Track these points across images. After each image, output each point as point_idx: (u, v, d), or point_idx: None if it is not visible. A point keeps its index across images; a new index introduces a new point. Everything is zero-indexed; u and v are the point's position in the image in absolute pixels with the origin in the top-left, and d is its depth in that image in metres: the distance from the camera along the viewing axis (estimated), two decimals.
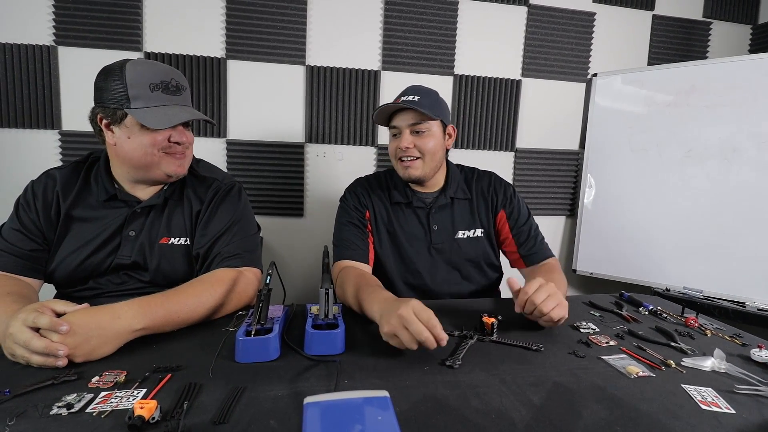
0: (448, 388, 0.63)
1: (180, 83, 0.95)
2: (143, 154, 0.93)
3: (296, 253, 1.94)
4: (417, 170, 1.13)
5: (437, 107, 1.12)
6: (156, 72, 0.91)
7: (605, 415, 0.57)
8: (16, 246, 0.92)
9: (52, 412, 0.53)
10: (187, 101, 0.98)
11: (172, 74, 0.94)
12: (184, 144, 0.97)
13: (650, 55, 2.09)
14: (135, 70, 0.89)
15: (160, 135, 0.92)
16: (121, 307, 0.71)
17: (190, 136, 1.00)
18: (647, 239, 1.88)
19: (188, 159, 1.01)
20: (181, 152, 0.97)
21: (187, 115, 0.94)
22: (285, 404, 0.56)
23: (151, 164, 0.94)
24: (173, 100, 0.93)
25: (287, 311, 0.86)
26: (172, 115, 0.91)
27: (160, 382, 0.60)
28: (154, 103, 0.90)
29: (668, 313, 1.00)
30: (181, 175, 1.00)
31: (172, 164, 0.96)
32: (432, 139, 1.12)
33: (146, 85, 0.89)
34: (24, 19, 1.66)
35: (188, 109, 0.97)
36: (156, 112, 0.90)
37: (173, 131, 0.94)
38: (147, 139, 0.91)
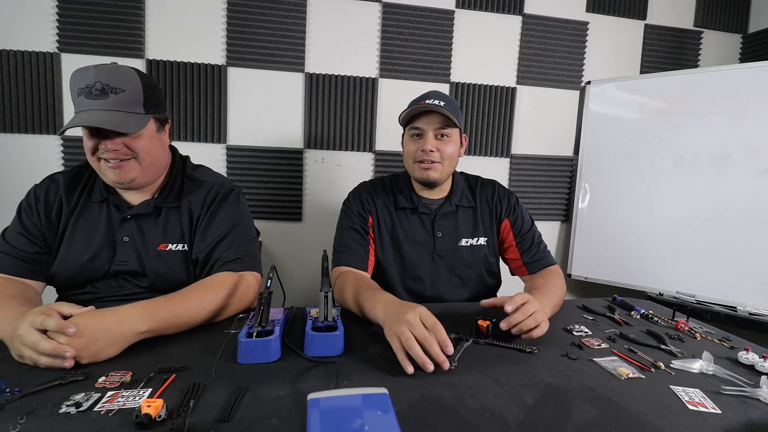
0: (444, 388, 0.65)
1: (109, 85, 0.88)
2: (89, 160, 0.94)
3: (295, 258, 1.96)
4: (436, 173, 1.13)
5: (459, 115, 1.14)
6: (84, 77, 0.88)
7: (595, 415, 0.60)
8: (18, 249, 0.93)
9: (61, 410, 0.55)
10: (120, 104, 0.89)
11: (98, 78, 0.87)
12: (118, 152, 0.90)
13: (643, 63, 2.14)
14: (73, 76, 0.89)
15: (89, 142, 0.90)
16: (127, 310, 0.73)
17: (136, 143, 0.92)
18: (641, 244, 1.91)
19: (135, 166, 0.94)
20: (114, 159, 0.91)
21: (82, 121, 0.86)
22: (286, 403, 0.58)
23: (97, 170, 0.94)
24: (93, 105, 0.87)
25: (287, 314, 0.88)
26: (74, 120, 0.87)
27: (164, 382, 0.62)
28: (77, 108, 0.88)
29: (659, 316, 1.02)
30: (128, 182, 0.94)
31: (109, 172, 0.92)
32: (453, 145, 1.13)
33: (75, 91, 0.88)
34: (28, 27, 1.68)
35: (98, 114, 0.87)
36: (73, 118, 0.88)
37: (100, 140, 0.90)
38: (85, 146, 0.91)
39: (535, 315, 0.83)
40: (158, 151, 0.99)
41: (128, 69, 0.93)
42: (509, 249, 1.24)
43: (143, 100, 0.93)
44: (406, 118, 1.14)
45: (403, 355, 0.70)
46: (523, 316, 0.82)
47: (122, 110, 0.89)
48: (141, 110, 0.93)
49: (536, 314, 0.83)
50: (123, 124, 0.89)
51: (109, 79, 0.88)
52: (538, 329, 0.83)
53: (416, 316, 0.72)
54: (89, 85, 0.86)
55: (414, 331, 0.70)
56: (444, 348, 0.70)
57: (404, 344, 0.70)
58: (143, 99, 0.93)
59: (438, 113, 1.09)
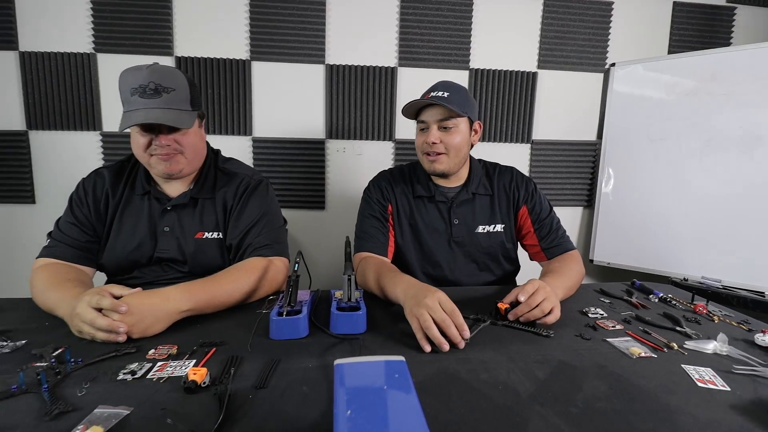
0: (459, 363, 0.69)
1: (162, 85, 0.95)
2: (138, 155, 1.01)
3: (319, 244, 2.03)
4: (442, 164, 1.16)
5: (465, 104, 1.14)
6: (137, 77, 0.94)
7: (604, 389, 0.63)
8: (72, 238, 1.02)
9: (119, 377, 0.63)
10: (172, 103, 0.96)
11: (152, 77, 0.94)
12: (170, 146, 0.99)
13: (671, 43, 2.06)
14: (123, 77, 0.96)
15: (142, 138, 0.97)
16: (170, 291, 0.80)
17: (183, 138, 1.00)
18: (666, 229, 1.88)
19: (182, 159, 1.02)
20: (166, 154, 0.99)
21: (140, 119, 0.93)
22: (315, 374, 0.64)
23: (146, 164, 1.02)
24: (149, 103, 0.94)
25: (313, 296, 0.94)
26: (133, 118, 0.93)
27: (206, 355, 0.69)
28: (132, 107, 0.94)
29: (678, 300, 1.03)
30: (176, 174, 1.02)
31: (159, 164, 1.00)
32: (458, 135, 1.15)
33: (128, 90, 0.94)
34: (66, 30, 1.79)
35: (156, 113, 0.94)
36: (128, 115, 0.94)
37: (154, 135, 0.97)
38: (137, 141, 0.99)
39: (542, 305, 0.85)
40: (200, 145, 1.08)
41: (175, 69, 1.01)
42: (527, 235, 1.26)
43: (190, 98, 1.00)
44: (410, 111, 1.17)
45: (422, 335, 0.74)
46: (528, 307, 0.85)
47: (174, 108, 0.97)
48: (188, 107, 1.00)
49: (544, 303, 0.85)
50: (178, 120, 0.96)
51: (162, 79, 0.95)
52: (551, 316, 0.85)
53: (435, 301, 0.76)
54: (143, 84, 0.93)
55: (433, 314, 0.74)
56: (461, 332, 0.74)
57: (422, 325, 0.74)
58: (190, 97, 1.01)
59: (441, 105, 1.10)
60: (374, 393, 0.36)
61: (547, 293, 0.87)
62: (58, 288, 0.87)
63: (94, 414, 0.53)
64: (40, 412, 0.54)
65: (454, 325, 0.74)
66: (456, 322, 0.74)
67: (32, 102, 1.81)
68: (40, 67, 1.80)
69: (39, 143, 1.85)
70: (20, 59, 1.79)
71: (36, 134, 1.85)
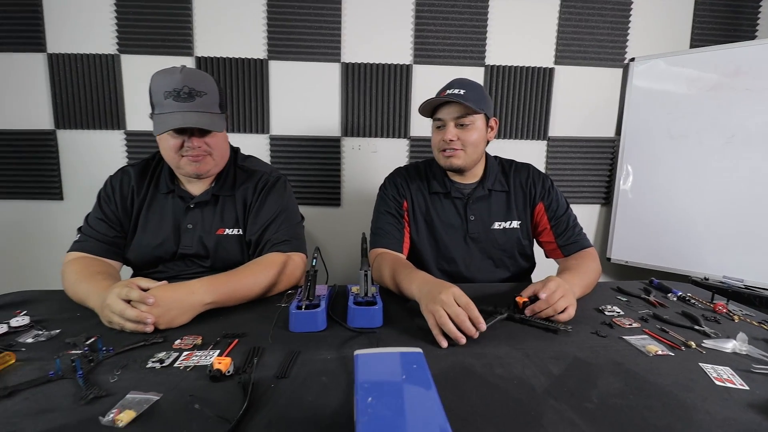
0: (474, 358, 0.70)
1: (195, 89, 0.98)
2: (168, 156, 1.04)
3: (334, 240, 2.06)
4: (459, 160, 1.17)
5: (482, 101, 1.14)
6: (171, 81, 0.97)
7: (620, 386, 0.63)
8: (100, 233, 1.07)
9: (148, 365, 0.66)
10: (204, 106, 0.99)
11: (186, 82, 0.97)
12: (200, 148, 1.02)
13: (693, 37, 2.01)
14: (155, 79, 0.99)
15: (173, 140, 1.00)
16: (194, 284, 0.84)
17: (212, 141, 1.04)
18: (686, 227, 1.85)
19: (210, 160, 1.06)
20: (198, 155, 1.02)
21: (178, 123, 0.96)
22: (334, 365, 0.66)
23: (175, 165, 1.05)
24: (182, 107, 0.97)
25: (331, 291, 0.97)
26: (170, 122, 0.96)
27: (229, 345, 0.72)
28: (165, 110, 0.97)
29: (697, 299, 1.02)
30: (205, 174, 1.06)
31: (188, 165, 1.03)
32: (475, 132, 1.15)
33: (161, 93, 0.97)
34: (91, 32, 1.85)
35: (191, 116, 0.97)
36: (163, 118, 0.97)
37: (185, 137, 1.00)
38: (166, 143, 1.02)
39: (558, 303, 0.85)
40: (225, 146, 1.12)
41: (206, 74, 1.04)
42: (543, 232, 1.25)
43: (219, 102, 1.04)
44: (426, 109, 1.18)
45: (438, 331, 0.76)
46: (546, 305, 0.85)
47: (207, 111, 1.00)
48: (218, 111, 1.04)
49: (560, 302, 0.85)
50: (212, 124, 1.00)
51: (195, 84, 0.98)
52: (565, 314, 0.85)
53: (450, 296, 0.77)
54: (177, 88, 0.97)
55: (447, 309, 0.76)
56: (477, 325, 0.75)
57: (438, 321, 0.75)
58: (219, 101, 1.04)
59: (458, 102, 1.11)
60: (394, 381, 0.38)
61: (566, 291, 0.87)
62: (89, 280, 0.91)
63: (127, 399, 0.56)
64: (75, 397, 0.57)
65: (469, 319, 0.75)
66: (471, 315, 0.75)
67: (60, 102, 1.88)
68: (67, 69, 1.87)
69: (66, 142, 1.93)
70: (48, 61, 1.86)
71: (63, 133, 1.92)
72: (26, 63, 1.86)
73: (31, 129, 1.91)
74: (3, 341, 0.74)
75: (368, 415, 0.33)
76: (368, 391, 0.36)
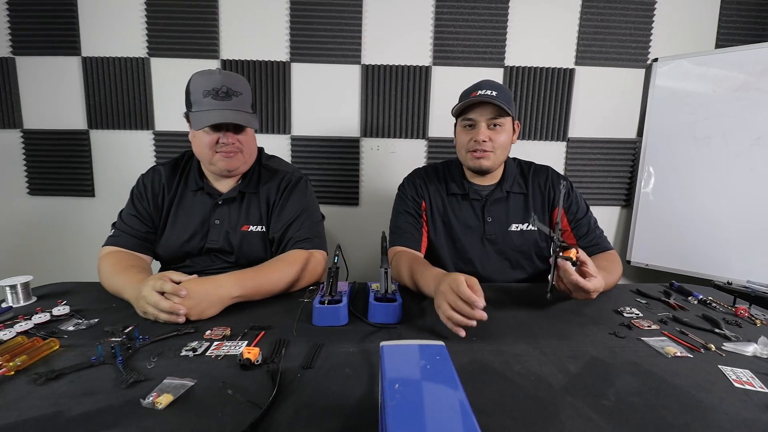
0: (492, 354, 0.72)
1: (232, 89, 1.04)
2: (201, 152, 1.10)
3: (352, 239, 2.09)
4: (488, 161, 1.18)
5: (511, 103, 1.16)
6: (210, 81, 1.04)
7: (637, 385, 0.64)
8: (133, 228, 1.12)
9: (182, 354, 0.70)
10: (240, 105, 1.06)
11: (224, 82, 1.04)
12: (233, 144, 1.08)
13: (718, 36, 1.97)
14: (196, 79, 1.05)
15: (210, 136, 1.06)
16: (223, 278, 0.88)
17: (244, 138, 1.10)
18: (709, 230, 1.81)
19: (241, 157, 1.11)
20: (230, 151, 1.08)
21: (218, 119, 1.02)
22: (356, 358, 0.69)
23: (208, 160, 1.10)
24: (220, 105, 1.03)
25: (351, 287, 1.00)
26: (208, 118, 1.02)
27: (256, 337, 0.75)
28: (204, 108, 1.03)
29: (718, 302, 1.01)
30: (235, 170, 1.11)
31: (221, 160, 1.09)
32: (505, 134, 1.17)
33: (201, 92, 1.03)
34: (123, 36, 1.93)
35: (229, 113, 1.03)
36: (201, 115, 1.03)
37: (221, 133, 1.06)
38: (202, 139, 1.07)
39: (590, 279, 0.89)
40: (254, 145, 1.18)
41: (241, 76, 1.11)
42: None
43: (251, 102, 1.11)
44: (459, 109, 1.19)
45: (450, 324, 0.77)
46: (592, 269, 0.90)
47: (242, 110, 1.07)
48: (250, 110, 1.10)
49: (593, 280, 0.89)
50: (247, 121, 1.07)
51: (232, 84, 1.05)
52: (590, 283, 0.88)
53: (447, 285, 0.78)
54: (216, 88, 1.03)
55: (447, 299, 0.77)
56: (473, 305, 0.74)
57: (445, 315, 0.77)
58: (251, 101, 1.11)
59: (490, 103, 1.12)
60: (419, 370, 0.41)
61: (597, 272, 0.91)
62: (124, 274, 0.97)
63: (164, 384, 0.60)
64: (116, 381, 0.61)
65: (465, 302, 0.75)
66: (464, 297, 0.74)
67: (93, 103, 1.97)
68: (99, 71, 1.95)
69: (98, 141, 2.01)
70: (83, 64, 1.95)
71: (96, 133, 2.01)
72: (62, 66, 1.96)
73: (66, 129, 2.00)
74: (46, 329, 0.80)
75: (396, 400, 0.35)
76: (395, 378, 0.39)
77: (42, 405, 0.55)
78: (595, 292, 0.90)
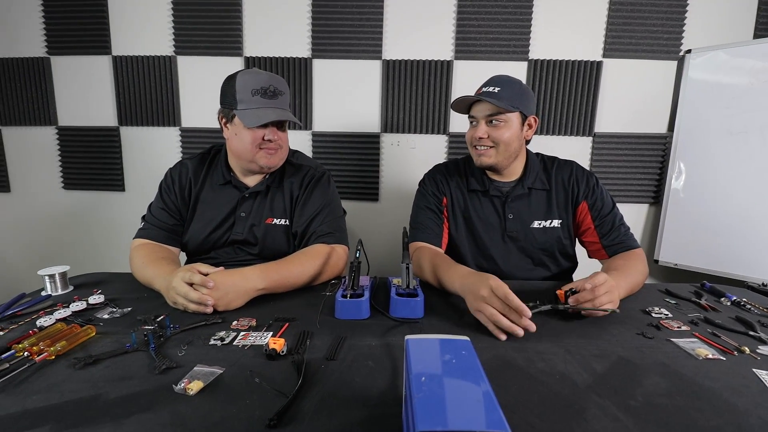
0: (515, 351, 0.72)
1: (278, 89, 1.09)
2: (244, 149, 1.11)
3: (372, 234, 2.10)
4: (490, 158, 1.17)
5: (518, 99, 1.14)
6: (258, 80, 1.07)
7: (666, 387, 0.62)
8: (162, 221, 1.16)
9: (210, 343, 0.72)
10: (284, 104, 1.11)
11: (271, 81, 1.08)
12: (276, 141, 1.11)
13: (757, 26, 1.87)
14: (243, 78, 1.07)
15: (256, 133, 1.08)
16: (248, 271, 0.90)
17: (283, 135, 1.15)
18: (744, 229, 1.74)
19: (280, 154, 1.15)
20: (273, 148, 1.12)
21: (274, 116, 1.07)
22: (379, 351, 0.70)
23: (250, 157, 1.12)
24: (269, 104, 1.07)
25: (372, 282, 1.00)
26: (263, 116, 1.06)
27: (281, 328, 0.77)
28: (253, 106, 1.06)
29: (753, 304, 0.97)
30: (274, 167, 1.15)
31: (264, 158, 1.12)
32: (507, 130, 1.15)
33: (249, 91, 1.06)
34: (151, 35, 1.99)
35: (279, 111, 1.09)
36: (252, 113, 1.06)
37: (267, 130, 1.09)
38: (248, 136, 1.09)
39: (600, 298, 0.84)
40: (288, 142, 1.20)
41: (281, 77, 1.14)
42: (587, 232, 1.23)
43: (290, 102, 1.14)
44: (461, 106, 1.19)
45: (492, 327, 0.77)
46: (590, 295, 0.84)
47: (286, 109, 1.11)
48: (290, 109, 1.14)
49: (603, 296, 0.84)
50: (293, 119, 1.11)
51: (278, 84, 1.09)
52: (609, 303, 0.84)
53: (489, 289, 0.78)
54: (264, 87, 1.07)
55: (492, 304, 0.77)
56: (522, 313, 0.75)
57: (490, 319, 0.77)
58: (289, 101, 1.14)
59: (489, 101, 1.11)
60: (444, 364, 0.41)
61: (611, 287, 0.86)
62: (154, 265, 1.00)
63: (194, 371, 0.63)
64: (149, 367, 0.64)
65: (514, 310, 0.75)
66: (513, 306, 0.75)
67: (123, 101, 2.04)
68: (129, 69, 2.02)
69: (128, 138, 2.09)
70: (113, 63, 2.02)
71: (126, 130, 2.08)
72: (94, 65, 2.03)
73: (97, 126, 2.08)
74: (83, 316, 0.84)
75: (423, 392, 0.36)
76: (421, 371, 0.39)
77: (82, 388, 0.58)
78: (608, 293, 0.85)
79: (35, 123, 2.10)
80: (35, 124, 2.10)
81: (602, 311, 0.83)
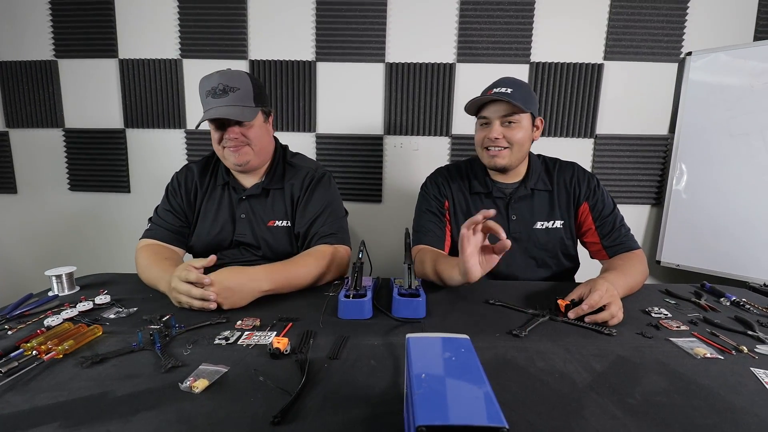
0: (516, 351, 0.73)
1: (228, 86, 1.07)
2: (215, 149, 1.15)
3: (375, 235, 2.11)
4: (504, 159, 1.17)
5: (528, 100, 1.14)
6: (209, 81, 1.08)
7: (664, 385, 0.63)
8: (168, 222, 1.18)
9: (215, 342, 0.73)
10: (236, 101, 1.08)
11: (221, 80, 1.07)
12: (237, 139, 1.11)
13: (757, 28, 1.88)
14: (201, 83, 1.10)
15: (216, 133, 1.12)
16: (254, 271, 0.92)
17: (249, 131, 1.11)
18: (745, 230, 1.74)
19: (247, 150, 1.13)
20: (235, 146, 1.11)
21: (215, 114, 1.05)
22: (381, 350, 0.71)
23: (221, 157, 1.15)
24: (216, 103, 1.07)
25: (375, 282, 1.02)
26: (205, 115, 1.07)
27: (285, 328, 0.78)
28: (205, 107, 1.09)
29: (752, 304, 0.97)
30: (243, 164, 1.13)
31: (230, 156, 1.12)
32: (521, 131, 1.15)
33: (204, 94, 1.09)
34: (157, 38, 2.01)
35: (223, 109, 1.06)
36: (204, 114, 1.09)
37: (223, 130, 1.11)
38: (213, 137, 1.13)
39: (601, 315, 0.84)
40: (266, 138, 1.19)
41: (241, 72, 1.13)
42: (588, 233, 1.24)
43: (253, 96, 1.12)
44: (472, 107, 1.19)
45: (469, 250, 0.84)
46: (590, 308, 0.85)
47: (239, 105, 1.09)
48: (252, 104, 1.12)
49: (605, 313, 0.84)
50: (240, 114, 1.09)
51: (228, 81, 1.08)
52: (614, 319, 0.84)
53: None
54: (214, 87, 1.08)
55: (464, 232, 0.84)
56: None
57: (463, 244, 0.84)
58: (253, 95, 1.12)
59: (503, 101, 1.11)
60: (444, 361, 0.42)
61: (613, 297, 0.86)
62: (158, 266, 1.02)
63: (200, 369, 0.64)
64: (155, 365, 0.65)
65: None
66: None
67: (129, 103, 2.06)
68: (135, 72, 2.04)
69: (134, 140, 2.11)
70: (120, 66, 2.04)
71: (132, 132, 2.10)
72: (101, 67, 2.06)
73: (104, 128, 2.11)
74: (90, 316, 0.85)
75: (423, 389, 0.37)
76: (421, 369, 0.40)
77: (89, 386, 0.60)
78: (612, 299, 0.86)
79: (42, 125, 2.13)
80: (42, 126, 2.13)
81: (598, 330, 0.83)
